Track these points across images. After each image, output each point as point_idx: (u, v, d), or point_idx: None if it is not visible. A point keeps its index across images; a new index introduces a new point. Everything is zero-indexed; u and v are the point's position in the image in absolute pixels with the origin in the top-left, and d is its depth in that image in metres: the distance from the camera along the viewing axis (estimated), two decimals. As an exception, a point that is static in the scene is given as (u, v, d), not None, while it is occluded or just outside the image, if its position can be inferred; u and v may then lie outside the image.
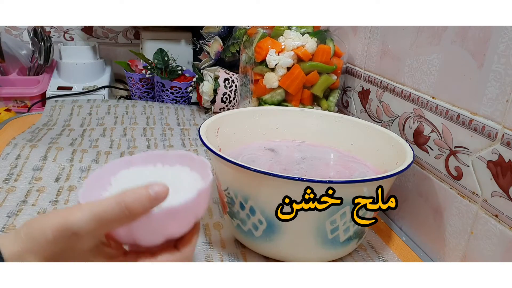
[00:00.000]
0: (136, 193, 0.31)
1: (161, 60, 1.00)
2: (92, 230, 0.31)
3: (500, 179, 0.41)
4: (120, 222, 0.31)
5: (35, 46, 1.06)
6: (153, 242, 0.35)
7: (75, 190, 0.59)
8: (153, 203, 0.32)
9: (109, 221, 0.31)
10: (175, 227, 0.35)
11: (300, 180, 0.39)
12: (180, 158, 0.41)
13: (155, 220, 0.32)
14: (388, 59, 0.62)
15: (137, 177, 0.40)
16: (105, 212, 0.30)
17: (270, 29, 0.71)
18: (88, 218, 0.30)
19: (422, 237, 0.54)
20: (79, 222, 0.30)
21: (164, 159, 0.41)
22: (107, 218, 0.31)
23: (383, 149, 0.54)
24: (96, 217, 0.30)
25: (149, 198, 0.31)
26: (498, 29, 0.41)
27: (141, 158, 0.41)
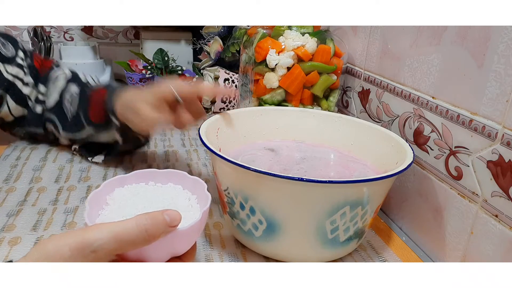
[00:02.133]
0: (154, 218, 0.33)
1: (161, 60, 1.00)
2: (111, 250, 0.31)
3: (500, 179, 0.41)
4: (138, 245, 0.33)
5: (35, 46, 1.06)
6: (159, 260, 0.36)
7: (75, 190, 0.59)
8: (168, 229, 0.34)
9: (128, 243, 0.32)
10: (181, 246, 0.37)
11: (300, 180, 0.39)
12: (173, 176, 0.43)
13: (165, 241, 0.34)
14: (388, 59, 0.62)
15: (131, 194, 0.42)
16: (125, 234, 0.32)
17: (270, 29, 0.71)
18: (108, 237, 0.31)
19: (422, 237, 0.54)
20: (99, 241, 0.31)
21: (156, 177, 0.44)
22: (127, 240, 0.32)
23: (383, 149, 0.54)
24: (117, 237, 0.31)
25: (165, 223, 0.33)
26: (498, 29, 0.41)
27: (134, 176, 0.43)
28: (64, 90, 0.68)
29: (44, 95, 0.70)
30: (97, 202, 0.39)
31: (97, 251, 0.31)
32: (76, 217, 0.52)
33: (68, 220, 0.52)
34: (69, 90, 0.67)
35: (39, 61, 0.72)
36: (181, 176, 0.44)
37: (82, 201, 0.56)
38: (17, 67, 0.67)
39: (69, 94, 0.67)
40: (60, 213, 0.53)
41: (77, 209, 0.54)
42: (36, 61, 0.71)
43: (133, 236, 0.32)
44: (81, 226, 0.51)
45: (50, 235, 0.48)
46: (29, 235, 0.48)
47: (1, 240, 0.47)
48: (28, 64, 0.69)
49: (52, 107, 0.68)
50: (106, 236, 0.31)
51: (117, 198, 0.41)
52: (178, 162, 0.70)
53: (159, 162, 0.70)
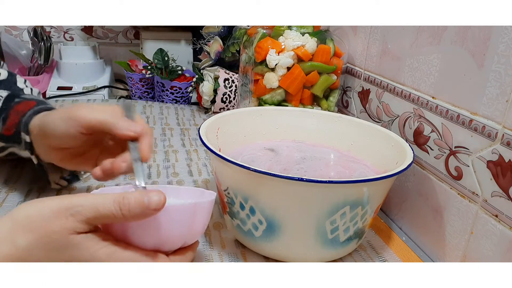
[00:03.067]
0: (134, 199, 0.33)
1: (161, 60, 1.00)
2: (88, 218, 0.33)
3: (500, 179, 0.41)
4: (114, 219, 0.34)
5: (35, 46, 1.06)
6: (144, 245, 0.36)
7: (75, 191, 0.59)
8: (147, 211, 0.34)
9: (104, 216, 0.34)
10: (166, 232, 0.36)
11: (300, 180, 0.39)
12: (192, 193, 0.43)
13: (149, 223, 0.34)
14: (388, 59, 0.62)
15: None
16: (103, 207, 0.33)
17: (270, 29, 0.71)
18: (88, 206, 0.33)
19: (422, 237, 0.54)
20: (79, 207, 0.33)
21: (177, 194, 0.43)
22: (103, 213, 0.33)
23: (383, 149, 0.54)
24: (95, 208, 0.33)
25: (143, 205, 0.33)
26: (498, 29, 0.41)
27: None
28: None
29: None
30: None
31: (75, 215, 0.33)
32: (76, 217, 0.52)
33: (68, 220, 0.52)
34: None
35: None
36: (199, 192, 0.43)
37: (82, 201, 0.56)
38: None
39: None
40: (60, 213, 0.53)
41: (77, 209, 0.54)
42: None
43: (108, 211, 0.33)
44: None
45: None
46: (29, 235, 0.48)
47: (1, 240, 0.47)
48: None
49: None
50: (86, 204, 0.33)
51: None
52: (178, 162, 0.70)
53: (159, 162, 0.70)
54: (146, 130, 0.44)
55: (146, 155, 0.43)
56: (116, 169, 0.44)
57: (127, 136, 0.43)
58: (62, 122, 0.45)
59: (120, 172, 0.44)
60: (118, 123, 0.43)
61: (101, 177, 0.45)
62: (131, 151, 0.43)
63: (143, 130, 0.44)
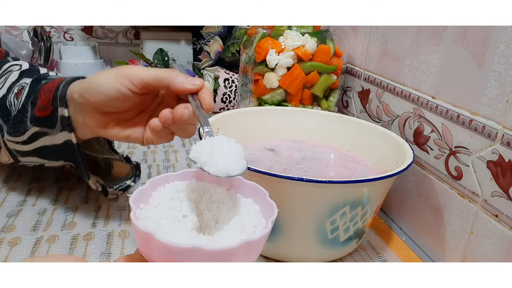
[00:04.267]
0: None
1: (161, 60, 1.00)
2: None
3: (500, 179, 0.41)
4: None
5: (35, 46, 1.06)
6: None
7: (75, 190, 0.59)
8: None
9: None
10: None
11: (300, 180, 0.39)
12: (256, 192, 0.36)
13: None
14: (388, 59, 0.62)
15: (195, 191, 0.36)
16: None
17: (270, 29, 0.71)
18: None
19: (422, 237, 0.54)
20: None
21: (239, 186, 0.36)
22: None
23: (383, 149, 0.54)
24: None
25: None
26: (498, 29, 0.41)
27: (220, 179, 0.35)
28: (14, 84, 0.54)
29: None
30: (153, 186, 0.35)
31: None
32: (76, 217, 0.52)
33: (68, 220, 0.52)
34: (19, 82, 0.53)
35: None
36: (263, 194, 0.36)
37: (82, 201, 0.56)
38: None
39: (17, 86, 0.52)
40: (60, 213, 0.53)
41: (77, 209, 0.54)
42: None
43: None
44: (81, 226, 0.51)
45: (50, 235, 0.48)
46: (29, 236, 0.48)
47: (1, 240, 0.47)
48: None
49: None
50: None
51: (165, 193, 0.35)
52: (178, 162, 0.70)
53: (159, 162, 0.70)
54: (204, 84, 0.42)
55: (209, 104, 0.41)
56: (178, 116, 0.41)
57: (187, 90, 0.41)
58: (112, 80, 0.41)
59: (181, 119, 0.41)
60: (176, 77, 0.41)
61: (158, 128, 0.42)
62: (192, 102, 0.41)
63: (202, 83, 0.42)
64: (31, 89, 0.50)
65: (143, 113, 0.46)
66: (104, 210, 0.54)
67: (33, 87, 0.50)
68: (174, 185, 0.35)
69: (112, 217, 0.53)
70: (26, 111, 0.49)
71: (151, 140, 0.45)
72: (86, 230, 0.50)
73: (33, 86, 0.51)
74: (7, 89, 0.53)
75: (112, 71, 0.42)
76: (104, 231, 0.50)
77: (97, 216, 0.53)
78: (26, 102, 0.49)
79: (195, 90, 0.41)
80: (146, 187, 0.33)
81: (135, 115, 0.46)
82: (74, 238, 0.48)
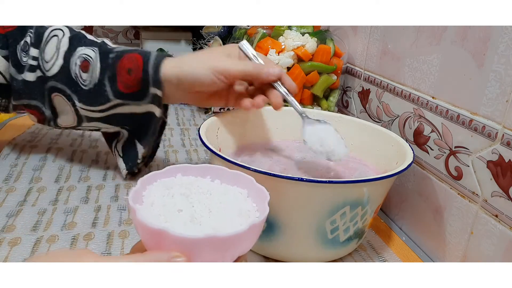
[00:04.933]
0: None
1: (161, 60, 0.99)
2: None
3: (500, 179, 0.41)
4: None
5: (35, 46, 1.06)
6: None
7: (75, 190, 0.59)
8: None
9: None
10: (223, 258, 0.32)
11: (300, 180, 0.39)
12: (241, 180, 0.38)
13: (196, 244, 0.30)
14: (388, 59, 0.62)
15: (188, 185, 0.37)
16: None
17: (270, 29, 0.71)
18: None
19: (422, 237, 0.54)
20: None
21: (222, 176, 0.38)
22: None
23: (383, 149, 0.54)
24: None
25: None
26: (498, 29, 0.41)
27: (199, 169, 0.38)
28: (69, 52, 0.56)
29: (39, 59, 0.56)
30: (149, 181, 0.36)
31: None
32: (76, 217, 0.52)
33: (68, 220, 0.52)
34: (78, 52, 0.55)
35: None
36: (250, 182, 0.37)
37: (82, 201, 0.56)
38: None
39: (79, 58, 0.55)
40: (60, 213, 0.53)
41: (77, 209, 0.54)
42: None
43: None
44: (81, 226, 0.51)
45: (50, 235, 0.48)
46: (29, 236, 0.48)
47: (1, 240, 0.47)
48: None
49: (56, 74, 0.55)
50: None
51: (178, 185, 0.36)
52: (178, 162, 0.70)
53: (159, 162, 0.70)
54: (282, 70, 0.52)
55: (293, 88, 0.52)
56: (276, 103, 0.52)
57: (272, 81, 0.51)
58: (208, 73, 0.51)
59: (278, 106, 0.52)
60: (261, 72, 0.51)
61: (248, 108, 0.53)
62: (279, 89, 0.51)
63: (280, 71, 0.51)
64: (103, 64, 0.54)
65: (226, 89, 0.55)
66: (104, 210, 0.54)
67: (104, 62, 0.54)
68: (162, 183, 0.36)
69: (112, 217, 0.53)
70: (104, 85, 0.54)
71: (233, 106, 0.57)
72: (86, 230, 0.50)
73: (103, 61, 0.54)
74: (63, 59, 0.55)
75: (207, 63, 0.51)
76: (104, 231, 0.50)
77: (97, 216, 0.53)
78: (102, 77, 0.54)
79: (278, 79, 0.51)
80: (138, 187, 0.34)
81: (218, 91, 0.54)
82: (74, 238, 0.48)
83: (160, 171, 0.37)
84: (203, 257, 0.30)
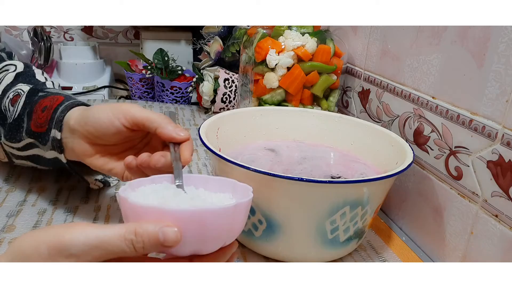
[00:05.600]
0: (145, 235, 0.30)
1: (161, 60, 1.00)
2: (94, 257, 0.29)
3: (500, 179, 0.41)
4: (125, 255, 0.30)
5: (35, 46, 1.06)
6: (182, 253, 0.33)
7: (75, 190, 0.59)
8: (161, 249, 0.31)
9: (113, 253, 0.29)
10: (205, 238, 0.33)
11: (300, 180, 0.39)
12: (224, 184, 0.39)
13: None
14: (388, 59, 0.62)
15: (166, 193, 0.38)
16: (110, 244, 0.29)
17: (270, 29, 0.71)
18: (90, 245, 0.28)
19: (422, 237, 0.54)
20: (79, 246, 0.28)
21: (206, 184, 0.40)
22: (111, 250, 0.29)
23: (383, 149, 0.54)
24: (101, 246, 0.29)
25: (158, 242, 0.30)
26: (498, 29, 0.41)
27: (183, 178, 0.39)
28: (9, 87, 0.55)
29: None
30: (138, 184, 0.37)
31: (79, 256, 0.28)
32: (76, 217, 0.52)
33: (68, 220, 0.52)
34: (16, 87, 0.54)
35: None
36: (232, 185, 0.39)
37: (82, 201, 0.56)
38: None
39: (13, 91, 0.54)
40: (60, 213, 0.53)
41: (77, 209, 0.54)
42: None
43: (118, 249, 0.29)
44: (81, 226, 0.51)
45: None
46: (29, 235, 0.48)
47: (1, 240, 0.47)
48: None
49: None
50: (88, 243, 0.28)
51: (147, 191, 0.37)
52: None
53: (159, 162, 0.70)
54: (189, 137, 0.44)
55: (187, 158, 0.43)
56: (154, 162, 0.42)
57: (173, 138, 0.43)
58: (109, 113, 0.44)
59: (156, 165, 0.42)
60: (166, 124, 0.44)
61: (132, 165, 0.44)
62: (172, 153, 0.43)
63: (186, 136, 0.44)
64: (27, 99, 0.52)
65: (130, 150, 0.49)
66: (104, 210, 0.54)
67: (29, 98, 0.52)
68: (149, 187, 0.38)
69: (112, 217, 0.53)
70: (22, 121, 0.51)
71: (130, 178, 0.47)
72: (86, 230, 0.50)
73: (30, 97, 0.52)
74: (1, 92, 0.55)
75: (110, 105, 0.45)
76: (104, 231, 0.50)
77: (97, 216, 0.53)
78: (22, 112, 0.51)
79: (179, 141, 0.43)
80: (127, 187, 0.36)
81: (122, 150, 0.48)
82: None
83: (146, 178, 0.38)
84: (192, 233, 0.32)
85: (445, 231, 0.49)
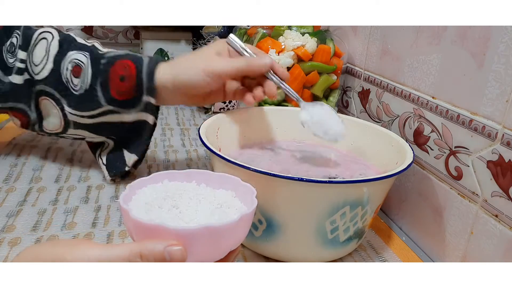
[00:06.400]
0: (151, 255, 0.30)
1: (161, 60, 0.99)
2: None
3: (500, 179, 0.41)
4: None
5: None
6: None
7: (75, 190, 0.59)
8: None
9: None
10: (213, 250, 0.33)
11: (300, 180, 0.39)
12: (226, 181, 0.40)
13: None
14: (388, 59, 0.62)
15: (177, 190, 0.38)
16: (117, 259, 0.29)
17: (270, 29, 0.71)
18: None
19: (422, 237, 0.54)
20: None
21: (208, 180, 0.40)
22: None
23: (383, 149, 0.54)
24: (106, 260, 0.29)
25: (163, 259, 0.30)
26: (498, 29, 0.41)
27: (184, 174, 0.40)
28: (60, 56, 0.55)
29: (27, 62, 0.56)
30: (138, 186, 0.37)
31: None
32: (76, 217, 0.52)
33: (68, 220, 0.52)
34: (69, 57, 0.55)
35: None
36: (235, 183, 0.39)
37: (82, 201, 0.56)
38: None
39: (70, 63, 0.55)
40: (60, 213, 0.53)
41: (77, 209, 0.54)
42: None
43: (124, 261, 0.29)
44: (81, 226, 0.51)
45: (50, 235, 0.48)
46: (29, 236, 0.48)
47: (1, 240, 0.47)
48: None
49: (46, 78, 0.55)
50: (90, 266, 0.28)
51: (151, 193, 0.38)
52: (178, 162, 0.70)
53: (159, 162, 0.70)
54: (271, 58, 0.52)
55: (285, 76, 0.53)
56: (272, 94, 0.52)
57: (264, 72, 0.52)
58: (202, 75, 0.51)
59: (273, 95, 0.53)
60: (252, 66, 0.51)
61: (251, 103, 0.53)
62: (272, 78, 0.52)
63: (270, 61, 0.52)
64: (94, 69, 0.54)
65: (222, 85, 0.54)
66: (104, 210, 0.54)
67: (95, 68, 0.54)
68: (150, 188, 0.38)
69: (112, 217, 0.53)
70: (95, 90, 0.54)
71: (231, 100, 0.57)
72: (86, 230, 0.50)
73: (95, 67, 0.55)
74: (53, 63, 0.55)
75: (199, 65, 0.52)
76: (104, 231, 0.50)
77: (97, 216, 0.53)
78: (94, 82, 0.54)
79: (269, 69, 0.52)
80: (127, 192, 0.36)
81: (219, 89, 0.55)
82: (74, 238, 0.48)
83: (147, 178, 0.39)
84: (197, 248, 0.31)
85: (445, 231, 0.49)
